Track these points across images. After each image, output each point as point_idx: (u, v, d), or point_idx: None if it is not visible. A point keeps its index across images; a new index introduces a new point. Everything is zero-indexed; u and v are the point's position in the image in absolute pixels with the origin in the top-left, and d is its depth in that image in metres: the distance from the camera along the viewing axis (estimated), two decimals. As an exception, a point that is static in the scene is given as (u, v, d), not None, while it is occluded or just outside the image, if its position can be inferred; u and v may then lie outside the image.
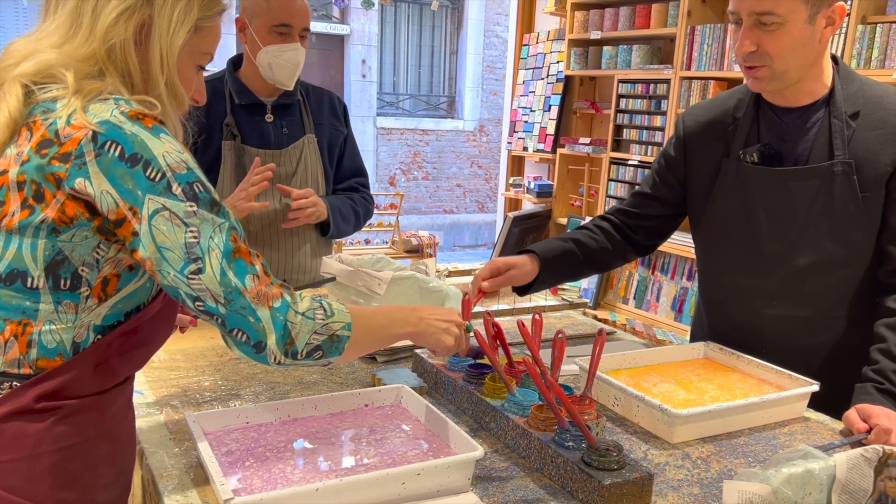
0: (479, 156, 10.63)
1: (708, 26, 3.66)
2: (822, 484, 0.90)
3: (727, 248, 1.59)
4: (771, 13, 1.36)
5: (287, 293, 0.99)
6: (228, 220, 0.97)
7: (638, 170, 4.12)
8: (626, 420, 1.36)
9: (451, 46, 10.31)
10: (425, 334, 1.17)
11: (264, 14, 1.92)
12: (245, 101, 2.01)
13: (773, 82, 1.44)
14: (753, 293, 1.56)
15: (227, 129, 1.98)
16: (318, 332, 1.00)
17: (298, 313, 0.98)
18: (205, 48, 1.07)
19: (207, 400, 1.37)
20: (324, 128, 2.12)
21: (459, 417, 1.34)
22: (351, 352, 1.05)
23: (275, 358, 0.97)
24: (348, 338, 1.03)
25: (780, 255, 1.51)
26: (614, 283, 4.40)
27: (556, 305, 2.10)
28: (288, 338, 0.97)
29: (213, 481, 0.99)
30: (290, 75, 1.97)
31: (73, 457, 0.98)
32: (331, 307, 1.03)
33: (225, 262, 0.95)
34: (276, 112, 2.05)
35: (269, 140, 2.03)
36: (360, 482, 0.99)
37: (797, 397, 1.39)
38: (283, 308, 0.97)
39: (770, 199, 1.51)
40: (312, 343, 0.99)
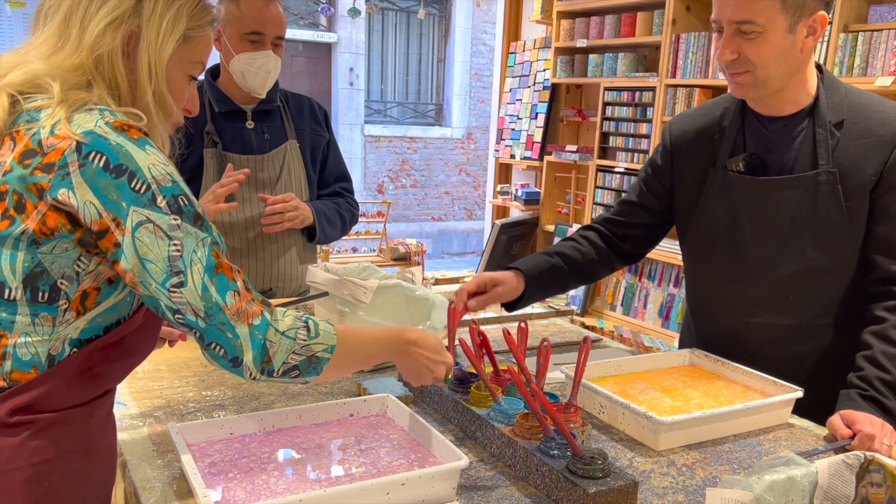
0: (466, 163, 10.65)
1: (693, 34, 3.69)
2: (805, 490, 0.90)
3: (713, 256, 1.60)
4: (751, 22, 1.37)
5: (267, 311, 0.99)
6: (211, 234, 0.97)
7: (624, 177, 4.14)
8: (611, 428, 1.36)
9: (439, 54, 10.34)
10: (409, 368, 1.18)
11: (236, 22, 1.92)
12: (225, 109, 2.01)
13: (756, 89, 1.45)
14: (739, 301, 1.56)
15: (208, 137, 1.98)
16: (296, 353, 0.99)
17: (278, 332, 0.98)
18: (195, 57, 1.07)
19: (191, 411, 1.36)
20: (305, 133, 2.12)
21: (445, 426, 1.34)
22: (329, 373, 1.04)
23: (250, 374, 0.97)
24: (328, 360, 1.02)
25: (764, 264, 1.51)
26: (602, 291, 4.42)
27: (542, 313, 2.10)
28: (265, 356, 0.97)
29: (195, 493, 0.98)
30: (262, 83, 1.97)
31: (49, 472, 0.96)
32: (316, 328, 1.02)
33: (207, 276, 0.95)
34: (256, 118, 2.04)
35: (250, 146, 2.02)
36: (344, 493, 0.98)
37: (781, 404, 1.40)
38: (263, 326, 0.97)
39: (755, 208, 1.51)
40: (290, 363, 0.99)
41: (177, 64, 1.04)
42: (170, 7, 1.01)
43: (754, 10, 1.36)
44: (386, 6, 9.78)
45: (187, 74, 1.07)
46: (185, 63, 1.06)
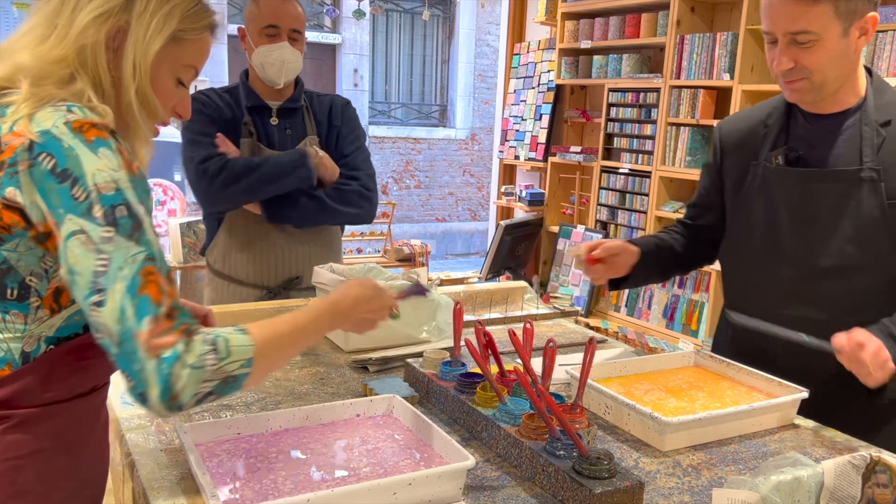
0: (470, 164, 10.65)
1: (697, 35, 3.69)
2: (811, 491, 0.91)
3: (749, 247, 1.61)
4: (806, 31, 1.37)
5: (182, 342, 0.90)
6: (149, 249, 0.91)
7: (629, 178, 4.14)
8: (617, 428, 1.36)
9: (443, 55, 10.35)
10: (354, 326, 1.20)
11: (255, 18, 2.08)
12: (252, 104, 2.15)
13: (812, 94, 1.46)
14: (771, 292, 1.57)
15: (245, 128, 2.14)
16: (207, 381, 0.92)
17: (186, 365, 0.90)
18: (187, 60, 1.05)
19: (198, 411, 1.37)
20: (323, 127, 2.23)
21: (451, 427, 1.34)
22: (256, 380, 0.99)
23: (157, 411, 0.90)
24: (248, 374, 0.96)
25: (799, 256, 1.52)
26: (606, 291, 4.42)
27: (547, 314, 2.11)
28: (171, 392, 0.89)
29: (203, 493, 0.99)
30: (279, 73, 2.09)
31: (24, 467, 0.96)
32: (227, 346, 0.93)
33: (127, 297, 0.89)
34: (280, 115, 2.17)
35: (274, 141, 2.16)
36: (351, 493, 0.99)
37: (787, 404, 1.40)
38: (171, 359, 0.89)
39: (792, 200, 1.52)
40: (201, 392, 0.92)
41: (165, 64, 1.02)
42: (163, 5, 1.00)
43: (808, 19, 1.37)
44: (390, 7, 9.79)
45: (176, 77, 1.05)
46: (176, 65, 1.04)
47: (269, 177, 2.02)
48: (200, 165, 2.02)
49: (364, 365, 1.62)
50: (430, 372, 1.47)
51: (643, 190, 4.05)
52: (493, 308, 2.16)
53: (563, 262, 4.55)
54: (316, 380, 1.55)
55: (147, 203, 0.95)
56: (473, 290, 2.21)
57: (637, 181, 4.09)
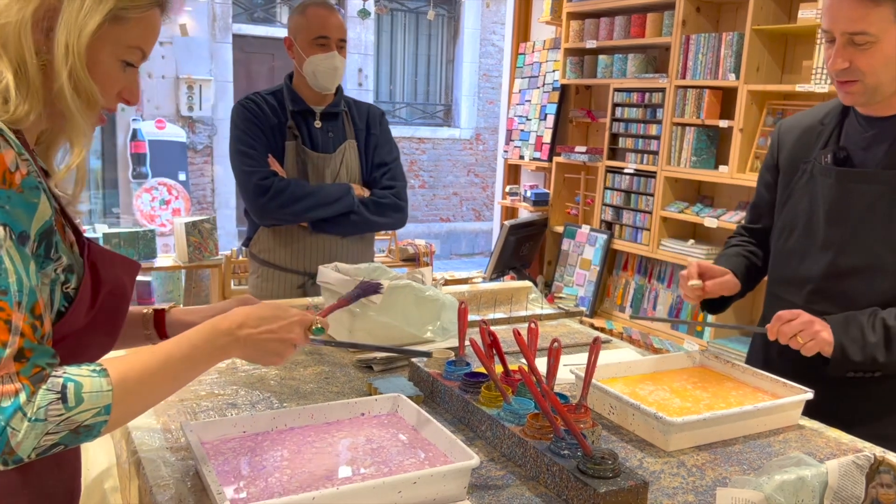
0: (475, 164, 10.65)
1: (703, 35, 3.69)
2: (815, 491, 0.91)
3: (789, 241, 1.64)
4: (864, 33, 1.39)
5: (25, 392, 0.82)
6: (1, 280, 0.82)
7: (634, 178, 4.13)
8: (621, 428, 1.37)
9: (448, 55, 10.35)
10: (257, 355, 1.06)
11: (305, 30, 2.25)
12: (298, 108, 2.31)
13: (866, 96, 1.47)
14: (802, 286, 1.59)
15: (290, 132, 2.30)
16: (51, 433, 0.83)
17: (26, 418, 0.81)
18: (131, 41, 0.96)
19: (204, 409, 1.38)
20: (362, 133, 2.41)
21: (455, 426, 1.35)
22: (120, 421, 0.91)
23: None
24: (105, 422, 0.87)
25: (829, 254, 1.54)
26: (611, 292, 4.41)
27: (552, 314, 2.11)
28: (6, 446, 0.81)
29: (210, 491, 0.99)
30: (332, 80, 2.28)
31: None
32: (78, 393, 0.84)
33: None
34: (323, 118, 2.34)
35: (317, 143, 2.33)
36: (357, 491, 0.99)
37: (791, 405, 1.40)
38: (9, 410, 0.81)
39: (829, 196, 1.54)
40: (44, 445, 0.83)
41: (106, 46, 0.94)
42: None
43: (869, 20, 1.38)
44: (395, 7, 9.80)
45: (120, 59, 0.96)
46: (118, 46, 0.95)
47: (321, 204, 2.23)
48: (261, 182, 2.19)
49: (369, 364, 1.63)
50: (435, 371, 1.48)
51: (648, 190, 4.04)
52: (498, 308, 2.16)
53: (568, 263, 4.55)
54: (321, 379, 1.55)
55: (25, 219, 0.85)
56: (478, 289, 2.22)
57: (642, 181, 4.09)
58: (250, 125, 2.26)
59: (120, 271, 1.04)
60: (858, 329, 1.44)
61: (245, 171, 2.23)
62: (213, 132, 8.01)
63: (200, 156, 8.00)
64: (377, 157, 2.41)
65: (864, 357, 1.43)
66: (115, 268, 1.03)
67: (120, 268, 1.04)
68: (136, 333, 1.25)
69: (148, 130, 7.31)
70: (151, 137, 7.30)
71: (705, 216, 3.73)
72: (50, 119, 0.96)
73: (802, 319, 1.44)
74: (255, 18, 8.69)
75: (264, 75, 8.55)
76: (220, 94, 7.98)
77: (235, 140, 2.27)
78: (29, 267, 0.86)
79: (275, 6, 8.83)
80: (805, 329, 1.43)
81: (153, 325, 1.25)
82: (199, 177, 8.01)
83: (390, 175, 2.40)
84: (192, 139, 7.84)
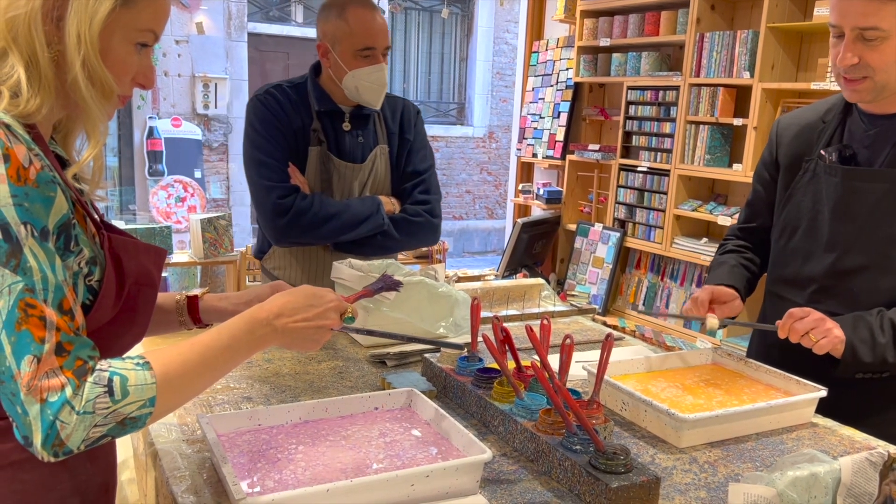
0: (488, 162, 10.64)
1: (717, 33, 3.67)
2: (827, 487, 0.91)
3: (792, 240, 1.62)
4: (875, 28, 1.38)
5: (71, 386, 0.83)
6: (27, 278, 0.82)
7: (647, 176, 4.12)
8: (633, 425, 1.37)
9: (461, 53, 10.35)
10: (294, 342, 1.07)
11: (347, 38, 1.94)
12: (325, 108, 2.03)
13: (873, 93, 1.46)
14: (806, 286, 1.58)
15: (315, 135, 2.02)
16: (99, 425, 0.84)
17: (75, 411, 0.82)
18: (142, 24, 0.94)
19: (219, 402, 1.39)
20: (395, 137, 2.14)
21: (468, 421, 1.35)
22: (164, 412, 0.92)
23: (42, 457, 0.83)
24: (150, 413, 0.89)
25: (833, 252, 1.53)
26: (623, 290, 4.40)
27: (564, 311, 2.11)
28: (56, 439, 0.82)
29: (225, 482, 1.00)
30: (378, 96, 2.00)
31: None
32: (124, 386, 0.86)
33: (4, 333, 0.81)
34: (353, 121, 2.07)
35: (345, 149, 2.05)
36: (370, 483, 1.00)
37: (805, 403, 1.39)
38: (58, 404, 0.82)
39: (835, 195, 1.53)
40: (92, 437, 0.85)
41: (117, 32, 0.92)
42: None
43: (880, 16, 1.37)
44: (409, 5, 9.81)
45: (133, 43, 0.94)
46: (130, 31, 0.93)
47: (347, 226, 1.96)
48: (279, 202, 1.92)
49: (382, 359, 1.64)
50: (448, 367, 1.49)
51: (662, 188, 4.03)
52: (510, 305, 2.16)
53: (581, 261, 4.55)
54: (335, 373, 1.57)
55: (44, 214, 0.85)
56: (491, 286, 2.22)
57: (655, 179, 4.08)
58: (269, 127, 1.96)
59: (145, 259, 1.04)
60: (867, 330, 1.43)
61: (263, 185, 1.93)
62: (228, 130, 8.06)
63: (216, 153, 8.05)
64: (410, 164, 2.12)
65: (874, 358, 1.42)
66: (139, 256, 1.02)
67: (145, 256, 1.04)
68: (170, 320, 1.26)
69: (164, 128, 7.37)
70: (167, 135, 7.36)
71: (719, 214, 3.71)
72: (65, 109, 0.96)
73: (814, 317, 1.43)
74: (270, 17, 8.73)
75: (279, 74, 8.58)
76: (236, 92, 8.02)
77: (252, 144, 1.97)
78: (54, 263, 0.86)
79: (290, 5, 8.86)
80: (817, 326, 1.42)
81: (187, 311, 1.27)
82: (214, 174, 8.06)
83: (424, 187, 2.11)
84: (207, 137, 7.89)
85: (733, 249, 1.79)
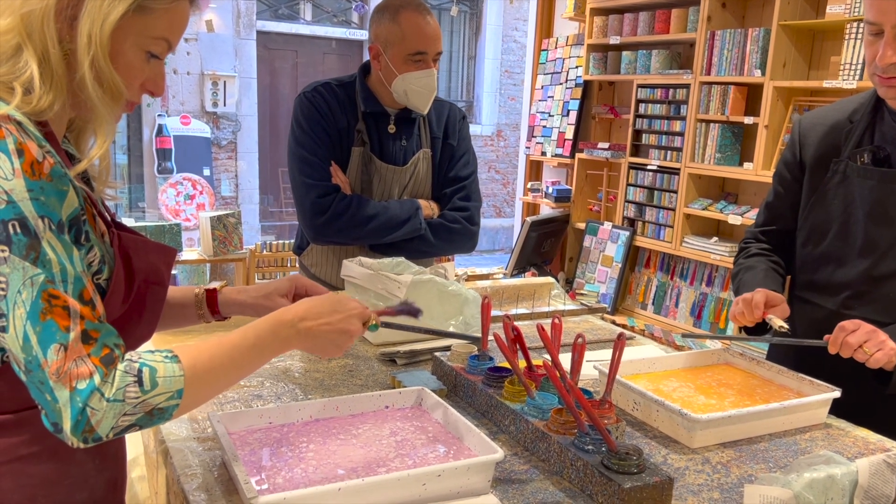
0: (496, 161, 10.64)
1: (728, 31, 3.65)
2: (844, 489, 0.90)
3: (823, 243, 1.59)
4: None
5: (99, 373, 0.84)
6: (47, 270, 0.83)
7: (657, 175, 4.10)
8: (645, 424, 1.36)
9: (470, 52, 10.34)
10: (318, 346, 1.07)
11: (399, 43, 1.97)
12: (371, 109, 2.05)
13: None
14: (839, 291, 1.55)
15: (359, 136, 2.03)
16: (128, 414, 0.86)
17: (104, 398, 0.84)
18: (157, 32, 0.94)
19: (230, 400, 1.39)
20: (439, 142, 2.15)
21: (478, 420, 1.35)
22: (188, 409, 0.93)
23: (72, 443, 0.84)
24: (177, 405, 0.90)
25: (867, 257, 1.50)
26: (633, 289, 4.39)
27: (574, 310, 2.10)
28: (86, 425, 0.83)
29: (237, 480, 1.00)
30: (426, 101, 2.02)
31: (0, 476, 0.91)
32: (153, 377, 0.87)
33: (30, 324, 0.82)
34: (398, 123, 2.08)
35: (388, 151, 2.07)
36: (382, 483, 1.00)
37: (818, 403, 1.38)
38: (87, 391, 0.83)
39: (869, 198, 1.50)
40: (121, 425, 0.86)
41: (130, 37, 0.92)
42: None
43: None
44: (417, 3, 9.80)
45: (145, 50, 0.94)
46: (143, 37, 0.93)
47: (384, 228, 1.98)
48: (319, 200, 1.95)
49: (392, 358, 1.64)
50: (458, 366, 1.48)
51: (672, 187, 4.02)
52: (520, 304, 2.16)
53: (590, 259, 4.53)
54: (345, 372, 1.56)
55: (59, 207, 0.86)
56: (500, 285, 2.21)
57: (665, 178, 4.06)
58: (315, 125, 1.98)
59: (155, 258, 1.04)
60: None
61: (305, 182, 1.97)
62: (237, 128, 8.08)
63: (224, 151, 8.07)
64: (452, 169, 2.14)
65: None
66: (149, 255, 1.03)
67: (155, 255, 1.04)
68: (188, 313, 1.27)
69: (173, 126, 7.40)
70: (176, 133, 7.39)
71: (729, 213, 3.70)
72: (75, 108, 0.96)
73: (865, 329, 1.37)
74: (278, 15, 8.74)
75: (288, 72, 8.60)
76: (244, 90, 8.04)
77: (296, 141, 2.00)
78: (73, 255, 0.87)
79: (298, 3, 8.87)
80: (871, 339, 1.35)
81: (206, 304, 1.27)
82: (223, 172, 8.08)
83: (464, 194, 2.12)
84: (216, 135, 7.91)
85: (758, 253, 1.74)
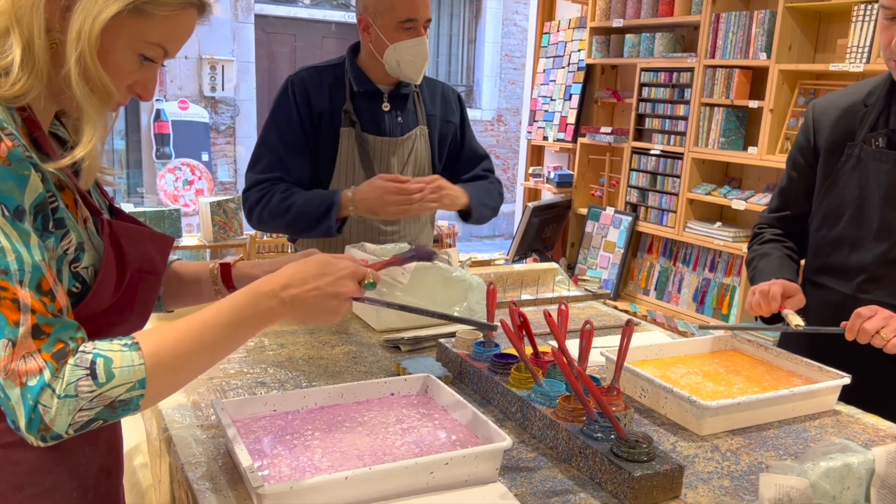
0: (496, 145, 10.58)
1: (733, 14, 3.61)
2: (861, 478, 0.88)
3: (838, 226, 1.58)
4: None
5: (49, 369, 0.81)
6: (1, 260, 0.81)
7: (660, 159, 4.08)
8: (653, 412, 1.35)
9: (470, 35, 10.26)
10: (307, 314, 1.00)
11: (388, 12, 1.93)
12: (363, 89, 2.02)
13: None
14: (855, 274, 1.55)
15: (346, 116, 2.00)
16: (84, 409, 0.82)
17: (55, 395, 0.80)
18: (152, 38, 0.92)
19: (234, 388, 1.38)
20: (435, 120, 2.13)
21: (485, 407, 1.33)
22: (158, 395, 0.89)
23: (32, 442, 0.82)
24: (142, 396, 0.85)
25: (885, 241, 1.50)
26: (635, 274, 4.37)
27: (578, 296, 2.09)
28: (40, 423, 0.81)
29: (242, 469, 0.99)
30: (419, 70, 1.98)
31: None
32: (108, 368, 0.83)
33: None
34: (392, 101, 2.06)
35: (384, 128, 2.04)
36: (389, 471, 0.98)
37: (828, 390, 1.37)
38: (37, 388, 0.80)
39: (885, 182, 1.49)
40: (79, 421, 0.82)
41: (123, 37, 0.90)
42: None
43: None
44: (417, -14, 9.72)
45: (137, 53, 0.92)
46: (136, 40, 0.91)
47: (296, 225, 1.94)
48: (245, 193, 1.99)
49: (396, 344, 1.62)
50: (464, 352, 1.47)
51: (675, 171, 3.99)
52: (524, 290, 2.14)
53: (592, 245, 4.51)
54: (349, 358, 1.55)
55: (17, 193, 0.82)
56: (504, 271, 2.20)
57: (669, 163, 4.03)
58: (280, 115, 1.97)
59: (150, 247, 1.02)
60: None
61: (250, 163, 2.00)
62: (235, 113, 8.02)
63: (223, 136, 8.02)
64: (469, 149, 2.21)
65: None
66: (143, 243, 1.00)
67: (150, 243, 1.02)
68: (205, 290, 1.24)
69: (171, 111, 7.34)
70: (175, 118, 7.34)
71: (733, 198, 3.67)
72: (63, 103, 0.94)
73: (882, 315, 1.36)
74: (276, -2, 8.66)
75: (286, 56, 8.53)
76: (242, 74, 7.98)
77: (265, 126, 2.01)
78: (30, 243, 0.83)
79: (296, -14, 8.78)
80: (888, 325, 1.35)
81: (221, 279, 1.23)
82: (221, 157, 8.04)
83: (489, 165, 2.25)
84: (214, 120, 7.86)
85: (773, 239, 1.73)
